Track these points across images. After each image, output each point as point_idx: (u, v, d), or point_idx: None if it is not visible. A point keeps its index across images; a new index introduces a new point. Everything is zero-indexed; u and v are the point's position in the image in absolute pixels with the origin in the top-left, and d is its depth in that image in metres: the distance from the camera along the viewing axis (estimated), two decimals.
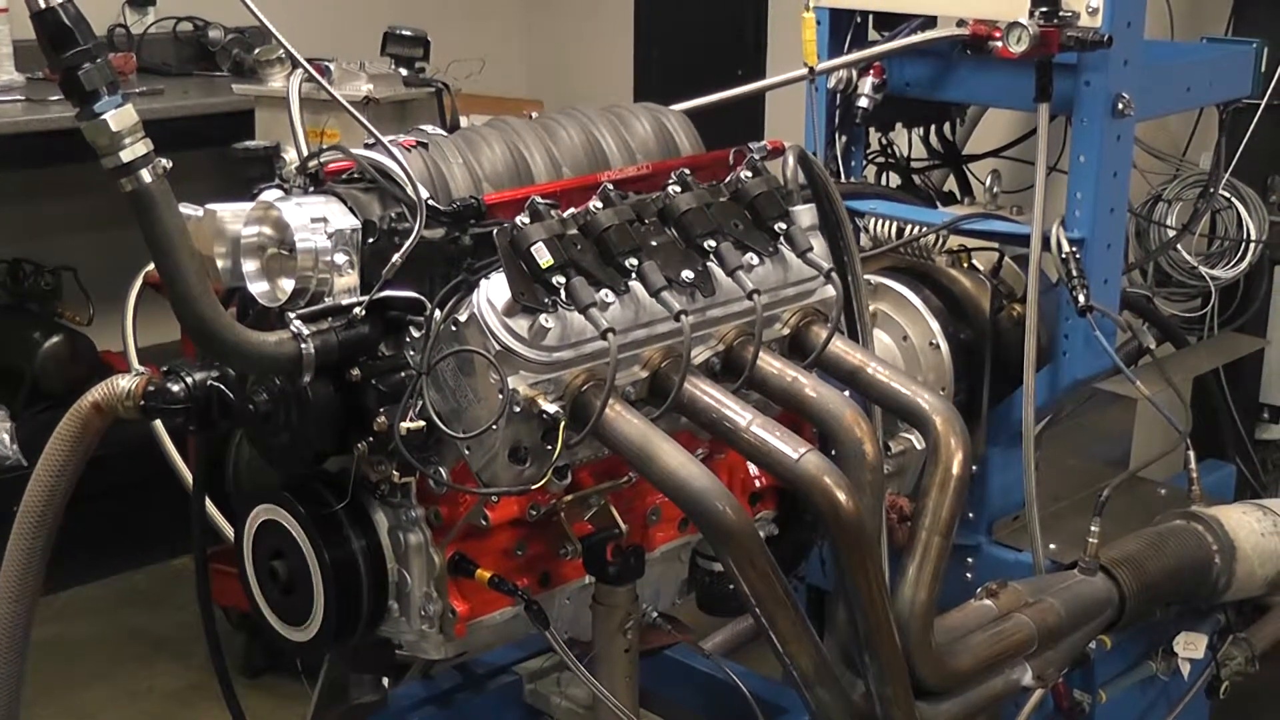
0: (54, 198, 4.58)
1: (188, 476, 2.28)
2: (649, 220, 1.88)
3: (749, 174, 1.98)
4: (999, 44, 2.46)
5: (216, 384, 1.83)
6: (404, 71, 3.38)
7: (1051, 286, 2.62)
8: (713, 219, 1.89)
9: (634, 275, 1.80)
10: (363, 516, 1.86)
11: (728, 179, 1.98)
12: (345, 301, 1.77)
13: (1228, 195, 3.35)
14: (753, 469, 2.11)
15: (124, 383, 1.89)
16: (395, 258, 1.74)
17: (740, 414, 1.80)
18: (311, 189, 1.86)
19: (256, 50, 3.47)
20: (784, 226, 1.95)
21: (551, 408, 1.73)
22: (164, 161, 1.65)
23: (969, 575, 2.74)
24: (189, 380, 1.85)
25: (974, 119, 3.34)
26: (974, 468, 2.67)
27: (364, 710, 2.34)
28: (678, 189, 1.91)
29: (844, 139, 2.88)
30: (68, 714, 3.57)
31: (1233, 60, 2.90)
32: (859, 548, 1.77)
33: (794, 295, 2.00)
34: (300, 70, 3.13)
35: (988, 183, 2.78)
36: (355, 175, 1.86)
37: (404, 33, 3.40)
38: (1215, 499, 2.66)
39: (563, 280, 1.73)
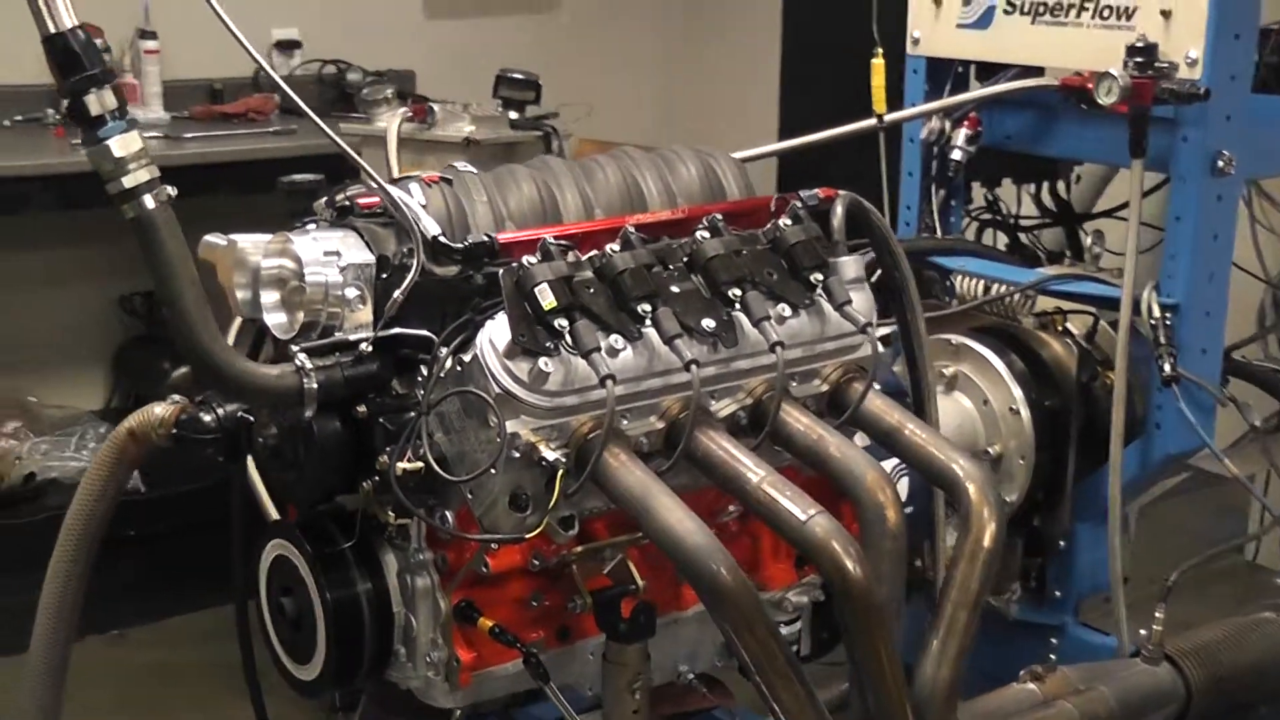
0: (186, 231, 4.69)
1: (272, 512, 2.27)
2: (674, 267, 1.81)
3: (788, 222, 1.90)
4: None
5: (246, 415, 1.83)
6: (514, 115, 3.38)
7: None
8: (741, 267, 1.82)
9: (648, 321, 1.73)
10: (370, 557, 1.82)
11: (766, 227, 1.91)
12: (353, 337, 1.74)
13: None
14: None
15: (159, 410, 1.91)
16: (396, 294, 1.72)
17: (753, 470, 1.72)
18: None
19: (365, 90, 3.51)
20: (820, 278, 1.86)
21: (552, 455, 1.67)
22: (169, 189, 1.65)
23: (1052, 657, 2.59)
24: (220, 411, 1.85)
25: (1100, 176, 3.20)
26: (1062, 543, 2.57)
27: None
28: (706, 234, 1.84)
29: (942, 193, 2.77)
30: None
31: None
32: (868, 619, 1.66)
33: (833, 350, 1.91)
34: (401, 111, 3.22)
35: (1088, 243, 2.65)
36: (379, 211, 1.84)
37: (515, 75, 3.42)
38: None
39: (565, 324, 1.67)
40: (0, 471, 3.78)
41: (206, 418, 1.88)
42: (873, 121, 2.45)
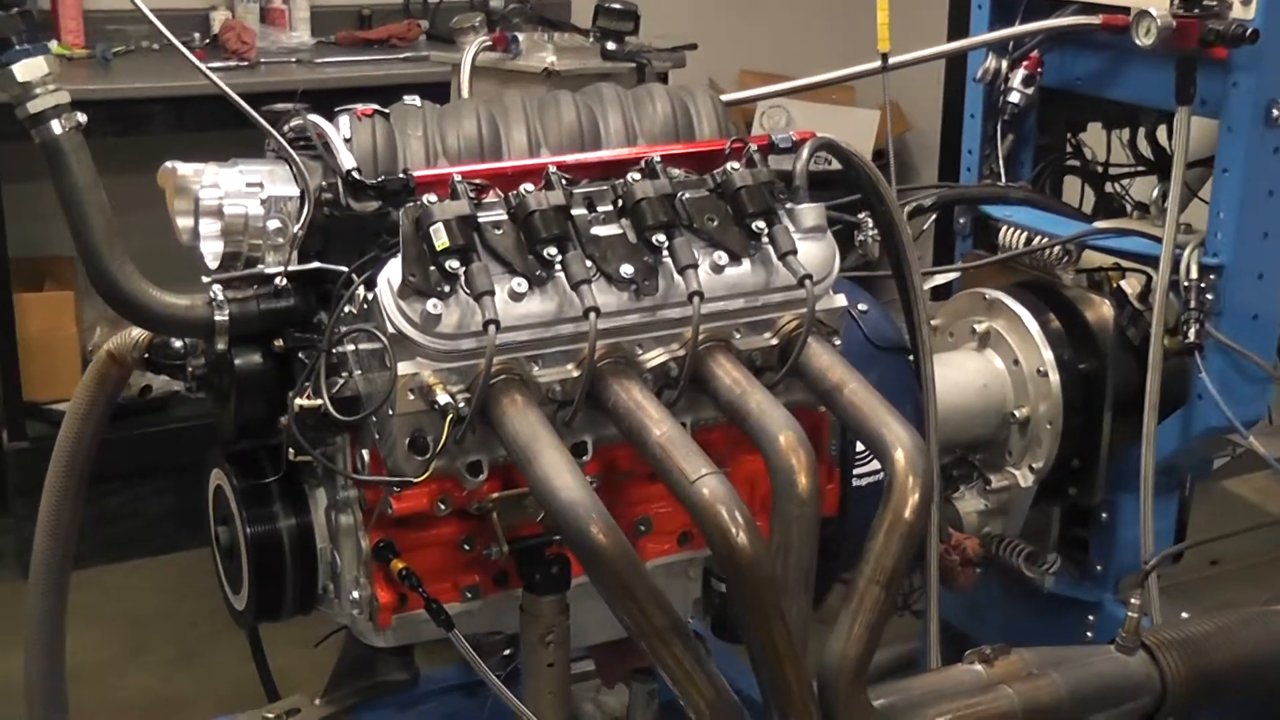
0: None
1: None
2: (602, 209, 1.74)
3: (737, 166, 1.80)
4: None
5: None
6: (610, 45, 3.30)
7: None
8: (673, 212, 1.73)
9: (558, 266, 1.67)
10: (298, 492, 1.81)
11: (716, 170, 1.82)
12: (270, 271, 1.73)
13: None
14: None
15: (135, 333, 1.96)
16: (295, 229, 1.69)
17: (655, 425, 1.64)
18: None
19: (455, 19, 3.48)
20: (764, 225, 1.77)
21: (444, 398, 1.63)
22: (79, 115, 1.65)
23: (1090, 635, 2.45)
24: (188, 340, 1.87)
25: None
26: (1104, 515, 2.41)
27: (389, 688, 2.30)
28: (638, 176, 1.76)
29: (1010, 137, 2.60)
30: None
31: None
32: (756, 592, 1.58)
33: (781, 302, 1.81)
34: (480, 40, 3.18)
35: (1154, 194, 2.46)
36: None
37: (613, 5, 3.32)
38: None
39: (458, 265, 1.62)
40: None
41: (176, 344, 1.91)
42: (877, 64, 2.30)
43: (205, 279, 1.72)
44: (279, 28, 4.48)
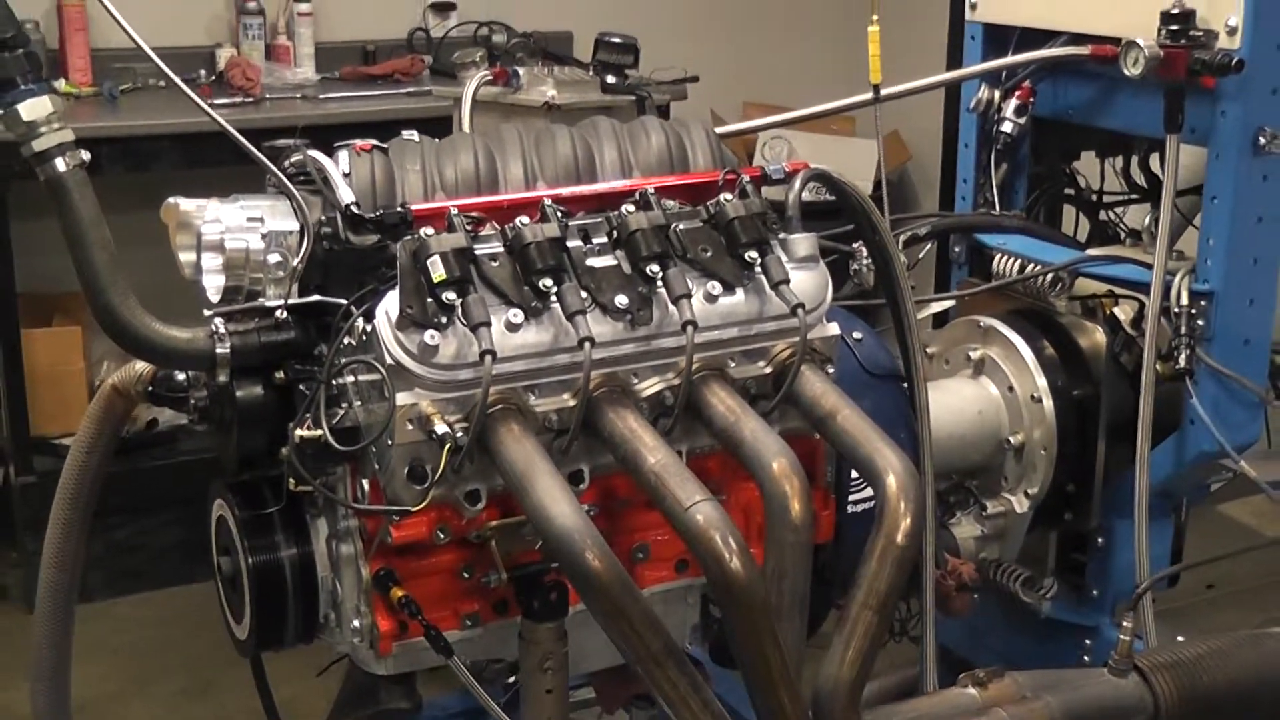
0: None
1: None
2: (597, 241, 1.77)
3: (729, 197, 1.83)
4: None
5: None
6: (610, 79, 3.33)
7: None
8: (667, 243, 1.77)
9: (554, 297, 1.70)
10: (299, 522, 1.84)
11: (709, 202, 1.85)
12: (271, 304, 1.76)
13: None
14: None
15: (139, 367, 1.99)
16: (295, 262, 1.72)
17: (650, 452, 1.67)
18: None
19: (456, 54, 3.52)
20: (756, 255, 1.79)
21: (442, 428, 1.66)
22: (83, 153, 1.69)
23: (1086, 658, 2.46)
24: (191, 373, 1.89)
25: None
26: (1101, 540, 2.43)
27: (392, 717, 2.31)
28: (632, 208, 1.79)
29: (1004, 166, 2.63)
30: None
31: None
32: (750, 617, 1.60)
33: (775, 331, 1.83)
34: (481, 74, 3.22)
35: (1146, 221, 2.48)
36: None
37: (613, 39, 3.36)
38: None
39: (455, 297, 1.65)
40: None
41: (180, 377, 1.94)
42: (868, 95, 2.34)
43: (207, 312, 1.75)
44: (284, 64, 4.53)
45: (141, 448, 3.95)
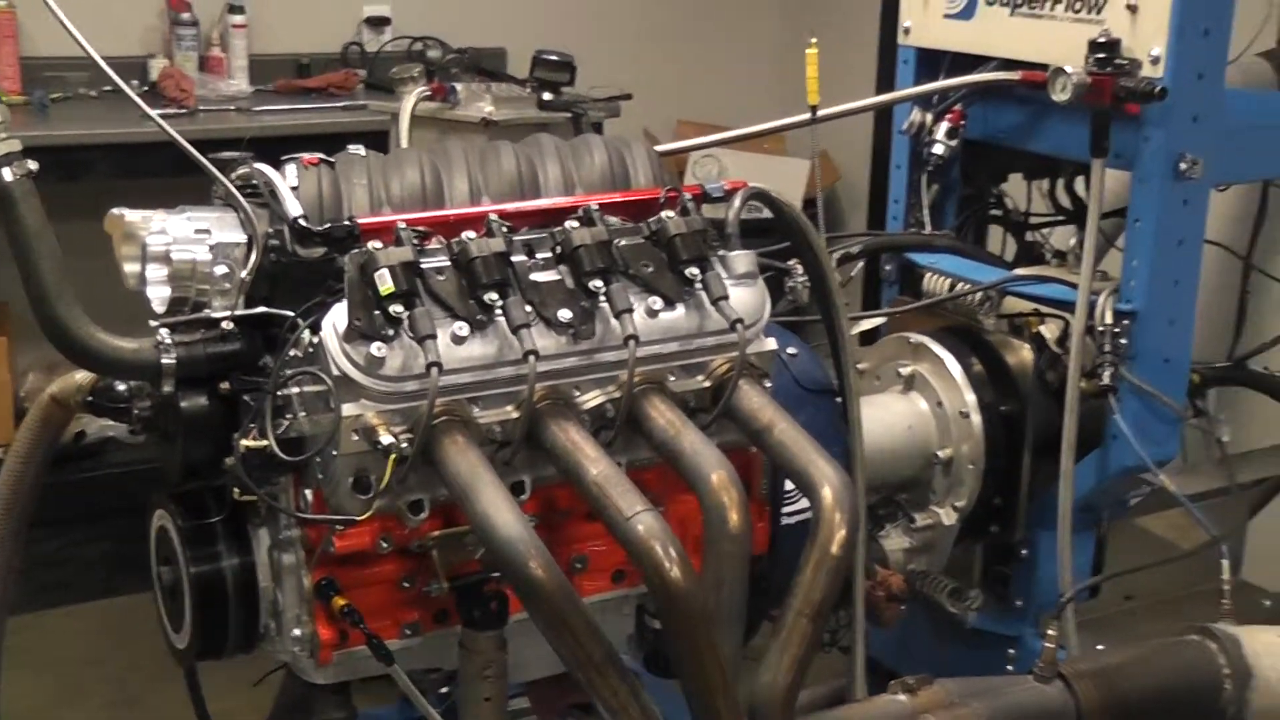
0: None
1: None
2: (541, 256, 1.80)
3: (671, 214, 1.87)
4: None
5: None
6: (547, 96, 3.38)
7: None
8: (610, 258, 1.80)
9: (499, 310, 1.73)
10: (241, 532, 1.85)
11: (651, 219, 1.88)
12: (217, 315, 1.77)
13: None
14: None
15: (78, 377, 1.99)
16: (243, 274, 1.74)
17: (591, 463, 1.70)
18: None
19: (394, 69, 3.55)
20: (697, 271, 1.83)
21: (387, 439, 1.68)
22: (30, 163, 1.70)
23: (1010, 668, 2.52)
24: (132, 383, 1.90)
25: None
26: (1025, 552, 2.49)
27: None
28: (575, 224, 1.83)
29: (935, 187, 2.69)
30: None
31: None
32: (688, 625, 1.63)
33: (714, 345, 1.87)
34: (419, 90, 3.25)
35: (1072, 243, 2.55)
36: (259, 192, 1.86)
37: (550, 56, 3.41)
38: None
39: (402, 310, 1.68)
40: None
41: (120, 387, 1.94)
42: (806, 115, 2.39)
43: (153, 323, 1.76)
44: (217, 75, 4.54)
45: (69, 460, 3.93)
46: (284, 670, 2.20)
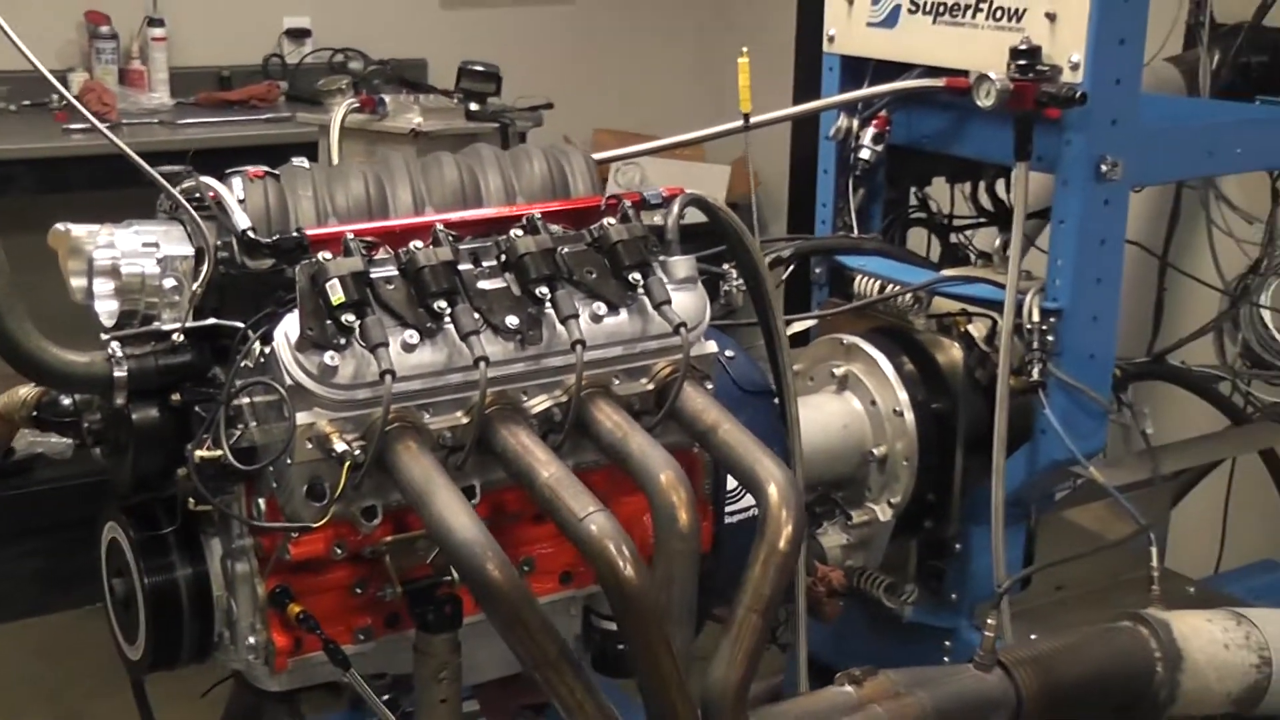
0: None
1: None
2: (487, 264, 1.84)
3: (613, 221, 1.91)
4: None
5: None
6: (473, 106, 3.41)
7: None
8: (554, 265, 1.84)
9: (448, 318, 1.76)
10: (194, 542, 1.86)
11: (593, 226, 1.92)
12: (167, 327, 1.79)
13: None
14: None
15: (23, 391, 2.00)
16: (195, 286, 1.76)
17: (543, 466, 1.74)
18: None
19: (320, 81, 3.56)
20: (639, 276, 1.88)
21: (340, 446, 1.70)
22: None
23: (946, 660, 2.58)
24: (79, 396, 1.91)
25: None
26: (959, 546, 2.55)
27: None
28: (520, 232, 1.86)
29: (861, 192, 2.75)
30: None
31: (1276, 124, 2.66)
32: (643, 622, 1.67)
33: (657, 349, 1.92)
34: (348, 102, 3.26)
35: (996, 244, 2.62)
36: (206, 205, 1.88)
37: (476, 67, 3.44)
38: (1219, 600, 2.45)
39: (354, 319, 1.71)
40: None
41: (66, 401, 1.95)
42: (739, 123, 2.44)
43: (104, 336, 1.77)
44: (138, 89, 4.52)
45: None
46: (232, 681, 2.22)
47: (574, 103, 5.18)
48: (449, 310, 1.76)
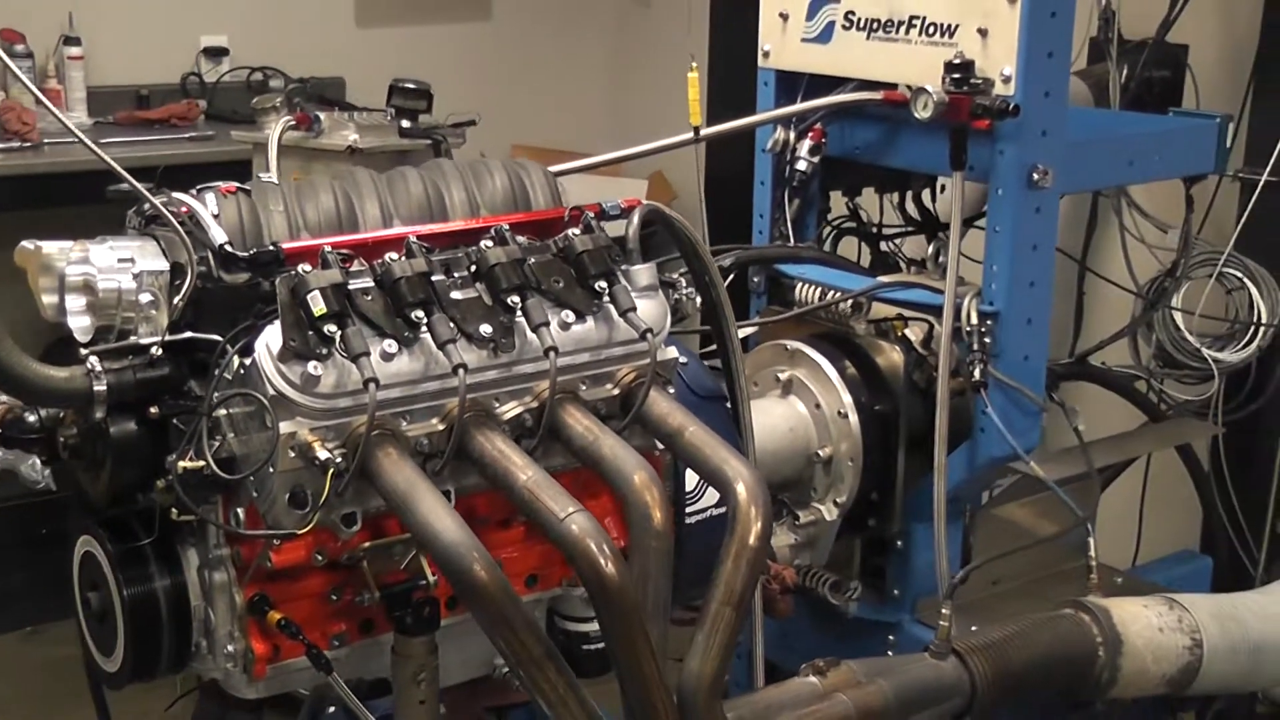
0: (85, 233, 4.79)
1: None
2: (458, 275, 1.89)
3: (577, 232, 1.97)
4: None
5: None
6: (405, 123, 3.44)
7: None
8: (524, 275, 1.89)
9: (424, 328, 1.81)
10: (171, 553, 1.89)
11: (557, 236, 1.98)
12: (145, 341, 1.82)
13: (1240, 275, 3.24)
14: None
15: None
16: (176, 300, 1.79)
17: (521, 470, 1.79)
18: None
19: (255, 99, 3.58)
20: (605, 285, 1.94)
21: (324, 454, 1.74)
22: None
23: (890, 654, 2.66)
24: (44, 412, 1.92)
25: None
26: (900, 543, 2.64)
27: None
28: (490, 243, 1.91)
29: (796, 202, 2.84)
30: None
31: (1191, 134, 2.79)
32: (625, 618, 1.73)
33: (622, 355, 1.98)
34: (285, 119, 3.28)
35: (930, 250, 2.72)
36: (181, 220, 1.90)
37: (407, 85, 3.47)
38: (1151, 588, 2.55)
39: (335, 329, 1.75)
40: None
41: (31, 418, 1.96)
42: (689, 135, 2.52)
43: (83, 351, 1.79)
44: (56, 108, 4.48)
45: None
46: (197, 692, 2.24)
47: (491, 119, 5.22)
48: (425, 320, 1.81)
